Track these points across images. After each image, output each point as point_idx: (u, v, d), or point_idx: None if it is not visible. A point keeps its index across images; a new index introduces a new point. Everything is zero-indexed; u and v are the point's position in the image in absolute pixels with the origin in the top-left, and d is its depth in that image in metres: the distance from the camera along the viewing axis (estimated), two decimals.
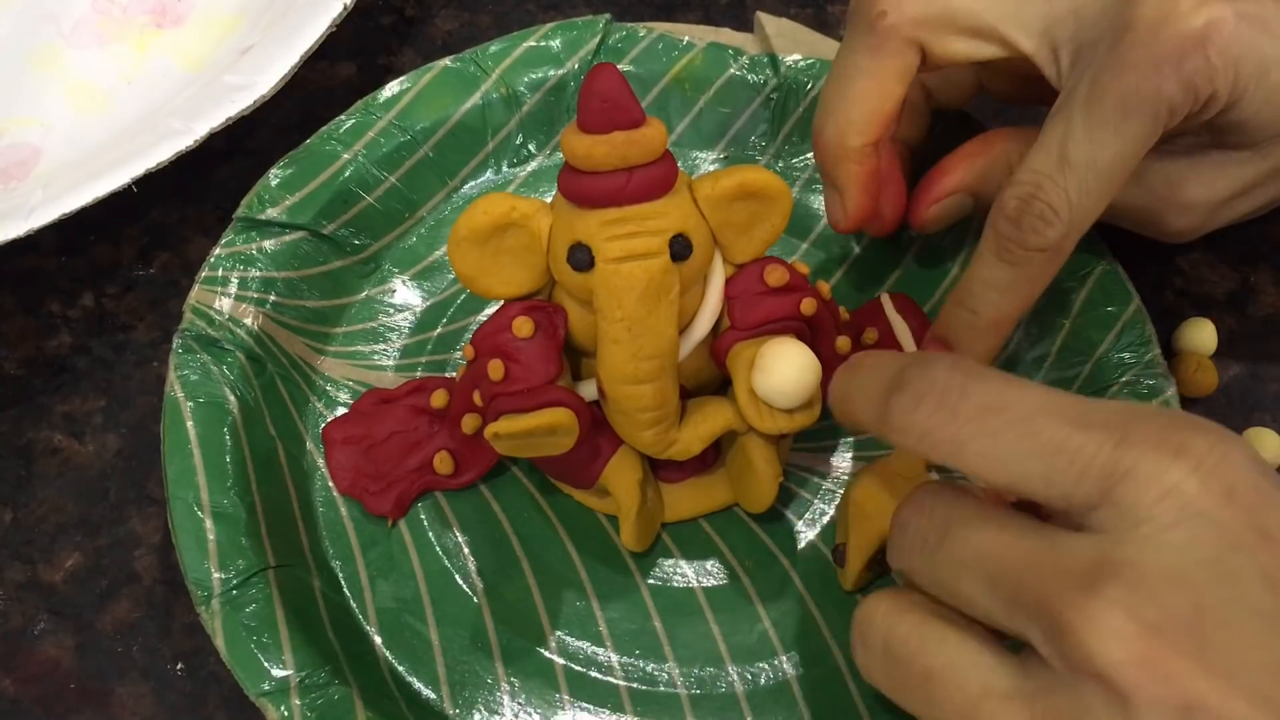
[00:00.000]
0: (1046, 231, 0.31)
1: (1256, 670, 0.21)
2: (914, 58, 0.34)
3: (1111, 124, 0.30)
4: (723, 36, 0.43)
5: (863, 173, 0.35)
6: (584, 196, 0.30)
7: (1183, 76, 0.30)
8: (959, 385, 0.24)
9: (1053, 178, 0.31)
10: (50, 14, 0.46)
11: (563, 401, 0.31)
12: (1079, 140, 0.31)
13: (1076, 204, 0.31)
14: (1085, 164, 0.31)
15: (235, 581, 0.32)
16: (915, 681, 0.25)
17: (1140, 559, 0.22)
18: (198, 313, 0.36)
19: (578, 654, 0.34)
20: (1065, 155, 0.31)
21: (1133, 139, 0.30)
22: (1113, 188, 0.31)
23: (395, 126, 0.40)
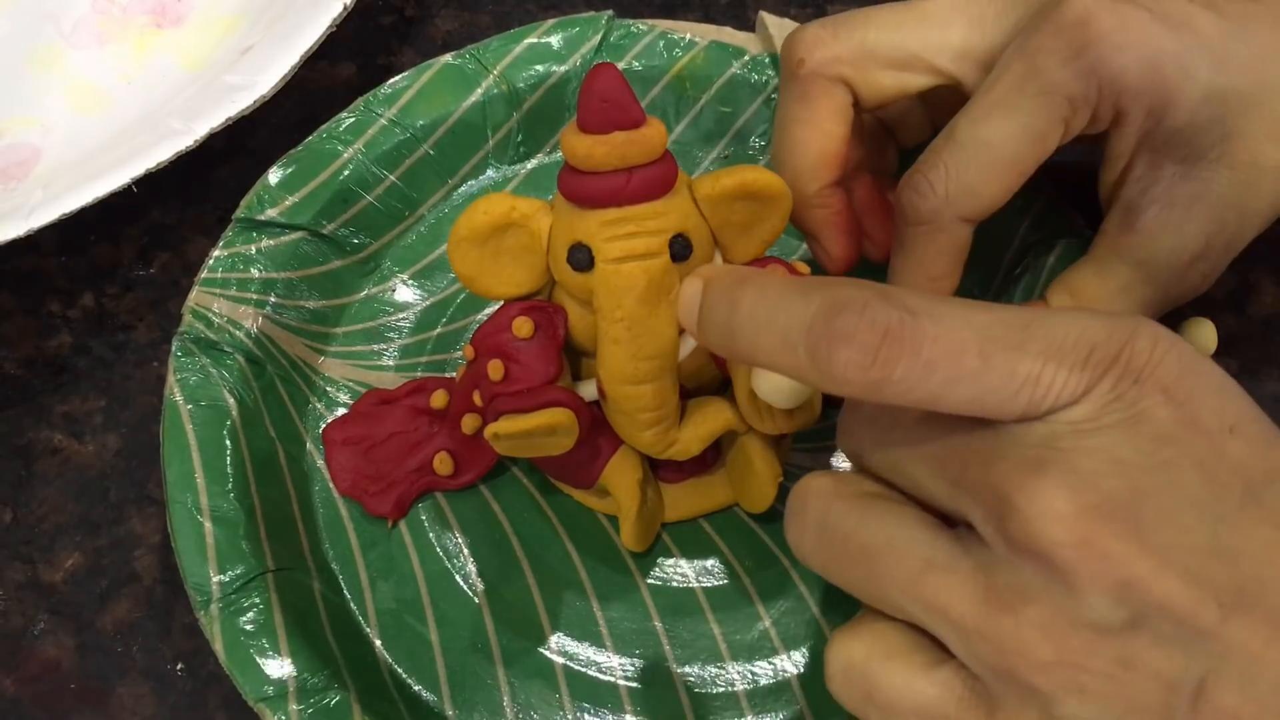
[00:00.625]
0: (920, 202, 0.32)
1: (1189, 550, 0.22)
2: (844, 96, 0.34)
3: (1004, 105, 0.31)
4: (725, 35, 0.43)
5: (830, 215, 0.35)
6: (584, 196, 0.30)
7: (1081, 65, 0.30)
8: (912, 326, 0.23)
9: (938, 153, 0.32)
10: (50, 14, 0.46)
11: (563, 402, 0.31)
12: (970, 119, 0.31)
13: (953, 177, 0.32)
14: (969, 139, 0.31)
15: (234, 586, 0.32)
16: (854, 557, 0.25)
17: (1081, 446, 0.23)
18: (197, 315, 0.36)
19: (578, 654, 0.34)
20: (953, 132, 0.32)
21: (1025, 123, 0.31)
22: (1001, 170, 0.31)
23: (395, 124, 0.40)
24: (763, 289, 0.26)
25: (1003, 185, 0.32)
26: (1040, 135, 0.31)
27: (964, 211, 0.32)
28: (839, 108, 0.34)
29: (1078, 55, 0.30)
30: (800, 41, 0.34)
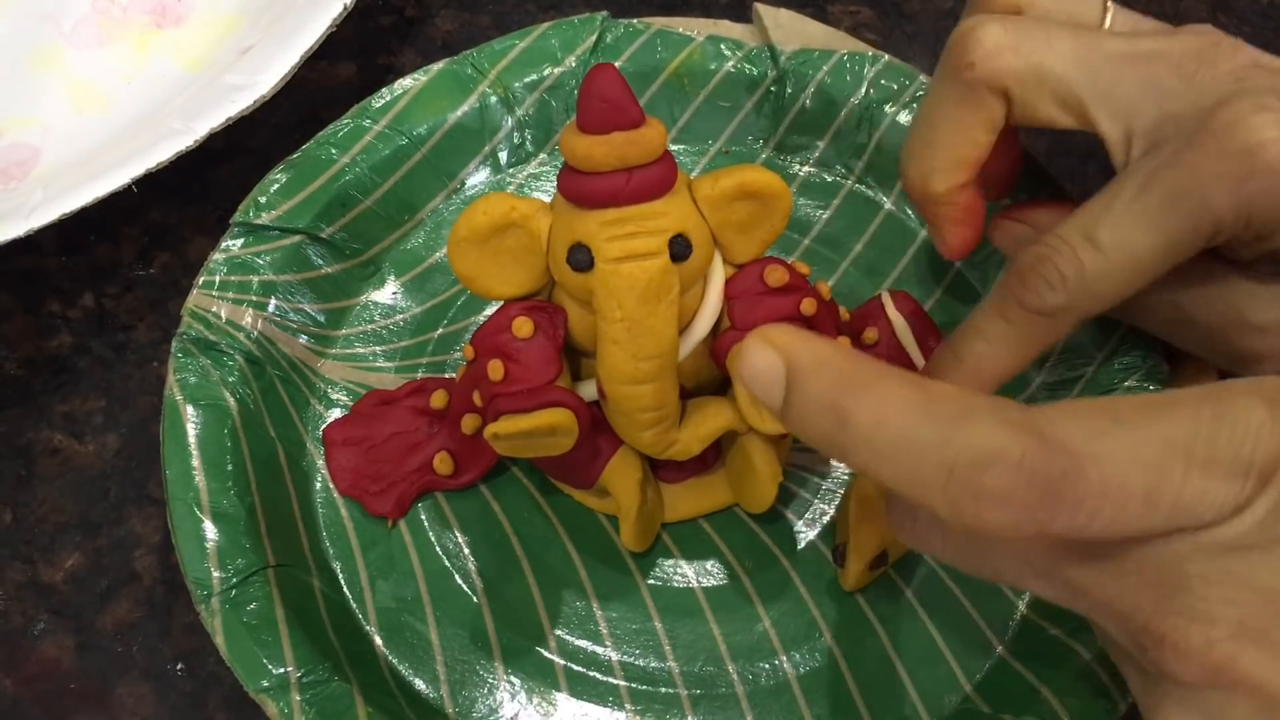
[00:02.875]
0: (1047, 295, 0.31)
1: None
2: (1000, 109, 0.33)
3: (1151, 216, 0.30)
4: (721, 29, 0.43)
5: (955, 211, 0.35)
6: (583, 197, 0.30)
7: (1239, 195, 0.29)
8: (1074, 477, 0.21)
9: (1074, 248, 0.30)
10: (50, 14, 0.46)
11: (563, 402, 0.31)
12: (1113, 221, 0.30)
13: (1087, 280, 0.30)
14: (1110, 245, 0.30)
15: (235, 580, 0.32)
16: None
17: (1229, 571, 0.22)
18: (196, 317, 0.36)
19: (578, 654, 0.34)
20: (1094, 231, 0.30)
21: (1167, 239, 0.30)
22: (1130, 280, 0.30)
23: (392, 130, 0.40)
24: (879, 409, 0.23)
25: (1125, 292, 0.31)
26: (1178, 252, 0.30)
27: (1084, 314, 0.31)
28: (993, 119, 0.33)
29: (1240, 183, 0.29)
30: (977, 43, 0.32)
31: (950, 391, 0.23)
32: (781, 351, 0.24)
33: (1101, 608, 0.23)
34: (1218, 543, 0.22)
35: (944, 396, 0.22)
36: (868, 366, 0.23)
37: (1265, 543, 0.22)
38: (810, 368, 0.24)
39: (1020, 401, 0.38)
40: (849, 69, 0.42)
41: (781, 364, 0.24)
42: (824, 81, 0.42)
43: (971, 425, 0.22)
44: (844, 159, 0.42)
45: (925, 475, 0.22)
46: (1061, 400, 0.24)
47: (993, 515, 0.21)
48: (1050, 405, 0.23)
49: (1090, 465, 0.21)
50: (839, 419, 0.23)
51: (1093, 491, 0.21)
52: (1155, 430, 0.22)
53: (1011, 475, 0.21)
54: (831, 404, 0.23)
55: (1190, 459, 0.21)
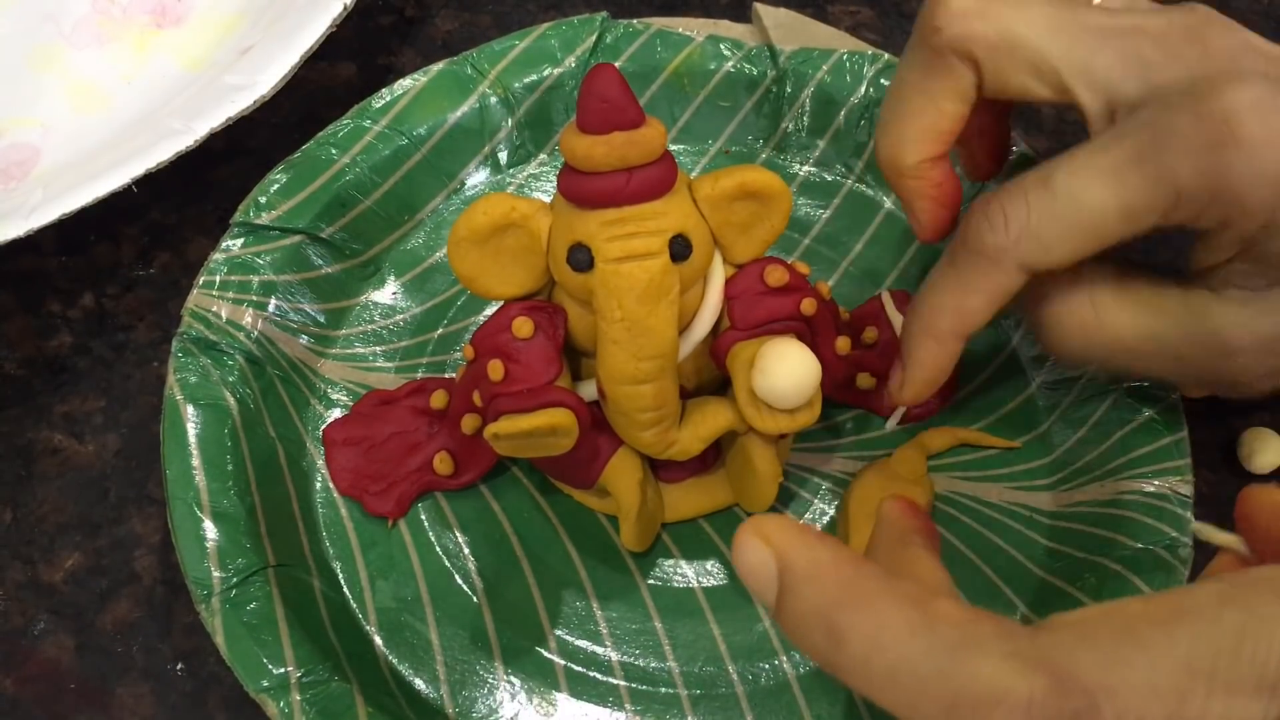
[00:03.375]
0: (988, 234, 0.30)
1: None
2: (969, 77, 0.32)
3: (1111, 170, 0.28)
4: (721, 29, 0.43)
5: (924, 187, 0.33)
6: (584, 197, 0.30)
7: (1204, 165, 0.27)
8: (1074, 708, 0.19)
9: (1026, 191, 0.30)
10: (50, 14, 0.46)
11: (563, 402, 0.31)
12: (1071, 169, 0.29)
13: (1032, 225, 0.29)
14: (1063, 191, 0.29)
15: (235, 580, 0.32)
16: None
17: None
18: (196, 316, 0.36)
19: (578, 654, 0.34)
20: (1050, 178, 0.29)
21: (1123, 197, 0.28)
22: (1079, 235, 0.29)
23: (392, 130, 0.40)
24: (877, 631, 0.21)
25: (1075, 248, 0.29)
26: (1134, 215, 0.29)
27: (1027, 259, 0.30)
28: (961, 88, 0.32)
29: (1206, 153, 0.27)
30: (944, 7, 0.31)
31: (954, 614, 0.21)
32: (775, 550, 0.23)
33: None
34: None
35: (947, 620, 0.21)
36: (866, 578, 0.22)
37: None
38: (805, 574, 0.22)
39: (1020, 400, 0.38)
40: (849, 68, 0.42)
41: (774, 564, 0.23)
42: (824, 81, 0.42)
43: (976, 658, 0.20)
44: (844, 158, 0.42)
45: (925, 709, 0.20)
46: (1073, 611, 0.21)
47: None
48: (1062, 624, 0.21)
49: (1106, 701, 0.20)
50: (834, 637, 0.21)
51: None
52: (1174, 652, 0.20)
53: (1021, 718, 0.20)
54: (826, 619, 0.22)
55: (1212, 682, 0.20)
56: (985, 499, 0.36)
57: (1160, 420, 0.35)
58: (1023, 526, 0.36)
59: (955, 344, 0.32)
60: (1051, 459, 0.37)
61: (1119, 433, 0.35)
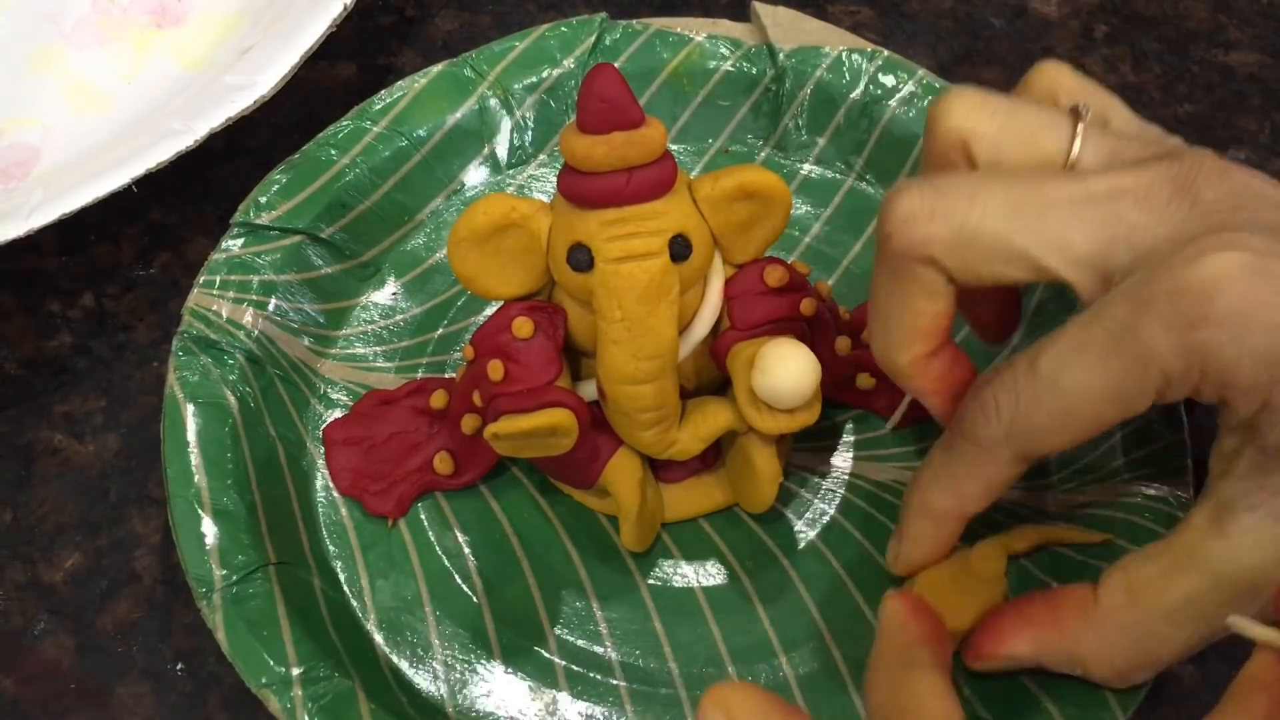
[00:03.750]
0: (981, 425, 0.29)
1: None
2: (935, 276, 0.29)
3: (1094, 352, 0.27)
4: (720, 28, 0.43)
5: (926, 382, 0.31)
6: (583, 197, 0.30)
7: (1186, 343, 0.25)
8: None
9: (1015, 376, 0.28)
10: (50, 14, 0.46)
11: (563, 402, 0.31)
12: (1055, 353, 0.27)
13: (1021, 412, 0.28)
14: (1048, 377, 0.27)
15: (236, 577, 0.32)
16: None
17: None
18: (196, 316, 0.36)
19: (578, 654, 0.34)
20: (1036, 362, 0.28)
21: (1107, 382, 0.27)
22: (1070, 422, 0.28)
23: (392, 132, 0.40)
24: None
25: (1071, 437, 0.28)
26: (1126, 401, 0.27)
27: (1021, 450, 0.29)
28: (930, 289, 0.29)
29: (1186, 330, 0.25)
30: (892, 214, 0.29)
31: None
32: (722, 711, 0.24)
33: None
34: None
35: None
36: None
37: None
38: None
39: None
40: (847, 66, 0.42)
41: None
42: (823, 78, 0.42)
43: None
44: (844, 156, 0.42)
45: None
46: None
47: None
48: None
49: None
50: None
51: None
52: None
53: None
54: None
55: None
56: None
57: (1160, 421, 0.35)
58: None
59: (952, 525, 0.32)
60: (1051, 459, 0.37)
61: (1119, 434, 0.35)
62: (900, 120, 0.41)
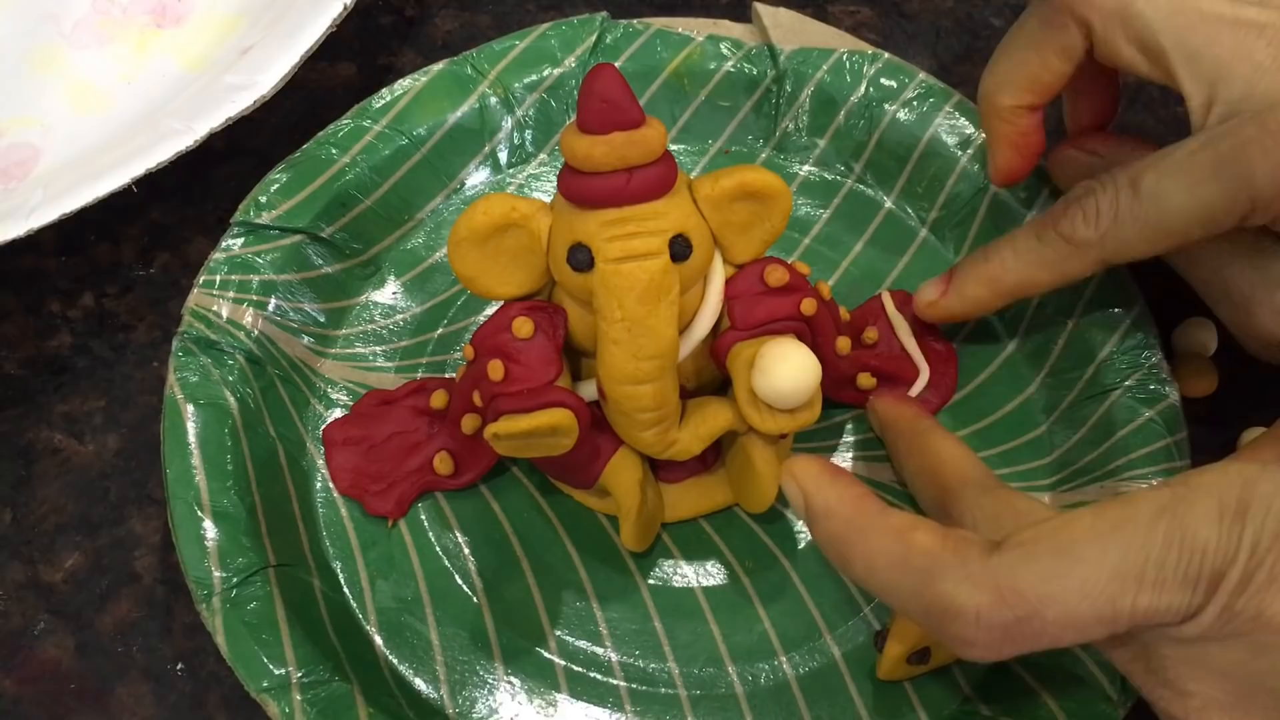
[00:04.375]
0: (1079, 225, 0.32)
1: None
2: (1079, 40, 0.33)
3: (1193, 177, 0.30)
4: (721, 28, 0.43)
5: (1011, 132, 0.36)
6: (584, 197, 0.30)
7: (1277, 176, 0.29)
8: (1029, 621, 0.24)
9: (1118, 189, 0.32)
10: (50, 14, 0.46)
11: (563, 402, 0.31)
12: (1158, 174, 0.31)
13: (1120, 223, 0.31)
14: (1150, 195, 0.31)
15: (235, 580, 0.32)
16: None
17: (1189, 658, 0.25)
18: (196, 316, 0.36)
19: (578, 654, 0.34)
20: (1139, 180, 0.31)
21: (1202, 204, 0.30)
22: (1158, 236, 0.31)
23: (392, 130, 0.40)
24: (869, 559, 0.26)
25: (1154, 248, 0.32)
26: (1212, 221, 0.30)
27: (1110, 256, 0.32)
28: (1070, 49, 0.33)
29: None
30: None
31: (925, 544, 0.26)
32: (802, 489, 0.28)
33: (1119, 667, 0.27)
34: (1179, 638, 0.24)
35: (919, 552, 0.26)
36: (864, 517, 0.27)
37: (1219, 636, 0.24)
38: (820, 512, 0.28)
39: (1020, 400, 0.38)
40: (848, 68, 0.42)
41: (802, 501, 0.28)
42: (823, 80, 0.42)
43: (937, 582, 0.25)
44: (844, 158, 0.42)
45: (911, 614, 0.26)
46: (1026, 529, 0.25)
47: (966, 653, 0.25)
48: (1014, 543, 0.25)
49: (1045, 606, 0.24)
50: (841, 561, 0.27)
51: (1050, 625, 0.24)
52: (1106, 559, 0.24)
53: (972, 627, 0.24)
54: (835, 548, 0.27)
55: (1140, 582, 0.24)
56: None
57: (1160, 421, 0.35)
58: None
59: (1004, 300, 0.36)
60: (1051, 459, 0.37)
61: (1119, 433, 0.35)
62: (900, 123, 0.41)
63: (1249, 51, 0.31)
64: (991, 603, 0.24)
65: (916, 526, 0.26)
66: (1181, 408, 0.35)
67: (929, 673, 0.33)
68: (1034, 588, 0.24)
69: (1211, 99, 0.31)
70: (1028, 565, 0.24)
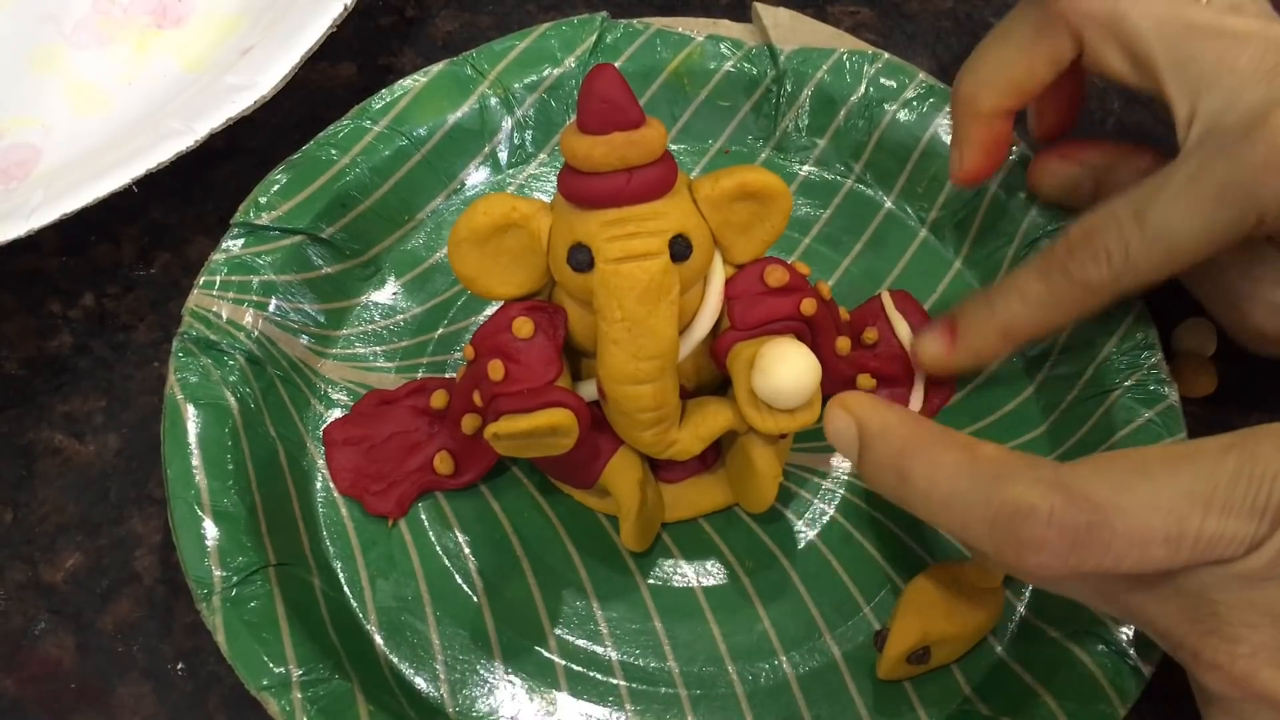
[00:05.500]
0: (1092, 270, 0.32)
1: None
2: (1069, 49, 0.33)
3: (1198, 205, 0.30)
4: (721, 29, 0.43)
5: (985, 135, 0.36)
6: (584, 197, 0.30)
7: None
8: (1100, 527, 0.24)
9: (1123, 226, 0.31)
10: (50, 14, 0.46)
11: (563, 402, 0.31)
12: (1164, 205, 0.31)
13: (1132, 260, 0.31)
14: (1158, 228, 0.31)
15: (236, 579, 0.32)
16: None
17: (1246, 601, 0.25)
18: (197, 316, 0.36)
19: (578, 654, 0.34)
20: (1144, 213, 0.31)
21: (1214, 228, 0.30)
22: (1173, 263, 0.31)
23: (392, 131, 0.40)
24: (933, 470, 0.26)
25: (1168, 273, 0.32)
26: (1219, 241, 0.31)
27: (1124, 289, 0.32)
28: (1059, 56, 0.34)
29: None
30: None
31: (993, 453, 0.26)
32: (855, 416, 0.28)
33: (1150, 627, 0.26)
34: (1239, 574, 0.24)
35: (987, 459, 0.25)
36: (925, 432, 0.27)
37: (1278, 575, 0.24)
38: (877, 433, 0.27)
39: (1020, 400, 0.38)
40: (848, 68, 0.42)
41: (855, 429, 0.28)
42: (823, 80, 0.42)
43: (1008, 484, 0.25)
44: (844, 158, 0.42)
45: (973, 527, 0.25)
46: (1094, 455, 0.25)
47: (1031, 559, 0.24)
48: (1083, 461, 0.25)
49: (1115, 515, 0.24)
50: (900, 478, 0.27)
51: (1118, 537, 0.24)
52: (1178, 481, 0.24)
53: (1043, 527, 0.24)
54: (894, 465, 0.27)
55: (1209, 506, 0.24)
56: None
57: (1159, 422, 0.35)
58: None
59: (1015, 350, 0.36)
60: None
61: (1118, 434, 0.35)
62: (900, 123, 0.41)
63: (1231, 61, 0.31)
64: (1065, 504, 0.24)
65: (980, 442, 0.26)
66: (1181, 408, 0.35)
67: (929, 673, 0.33)
68: (1108, 496, 0.24)
69: (1193, 111, 0.31)
70: (1102, 475, 0.24)
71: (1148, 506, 0.24)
